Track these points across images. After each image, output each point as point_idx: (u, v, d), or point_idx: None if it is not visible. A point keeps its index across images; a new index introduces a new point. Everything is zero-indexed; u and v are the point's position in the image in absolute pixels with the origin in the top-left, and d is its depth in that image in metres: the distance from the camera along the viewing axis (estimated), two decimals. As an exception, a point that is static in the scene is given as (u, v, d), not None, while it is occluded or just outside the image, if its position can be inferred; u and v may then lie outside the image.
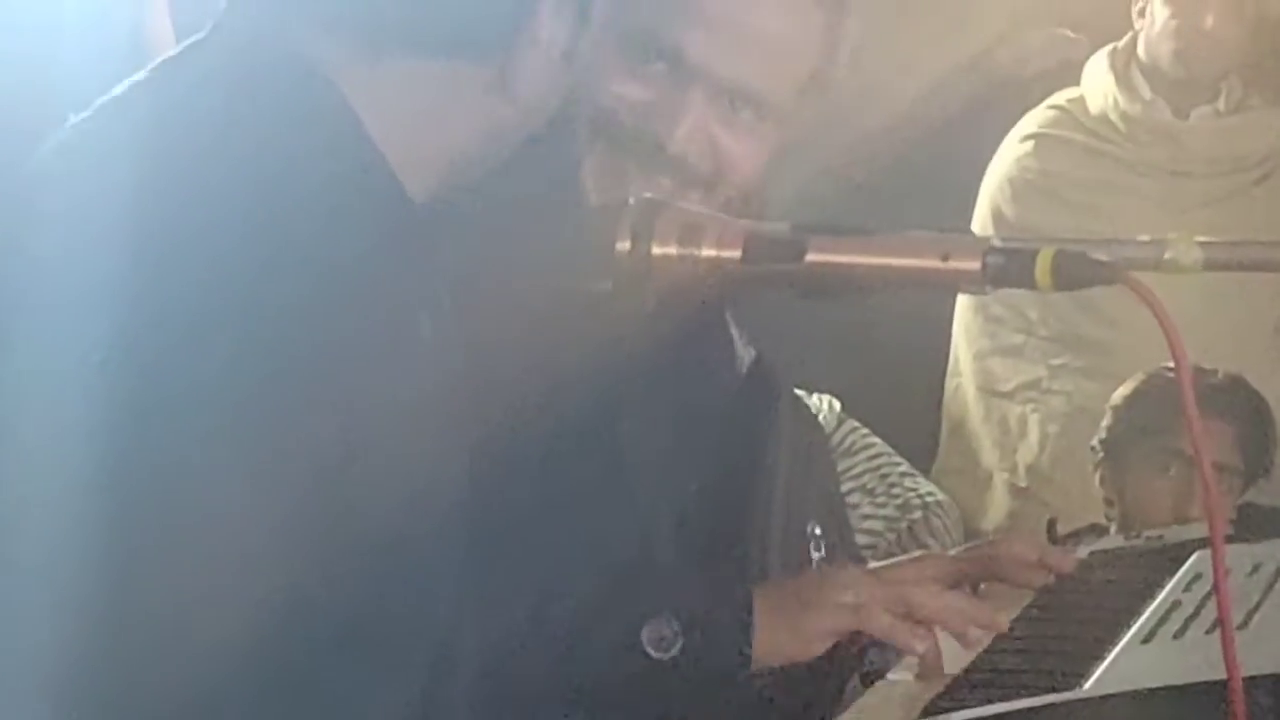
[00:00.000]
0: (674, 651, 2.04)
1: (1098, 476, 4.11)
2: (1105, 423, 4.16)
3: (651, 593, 2.08)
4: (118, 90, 1.74)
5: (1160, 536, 2.64)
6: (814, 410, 2.65)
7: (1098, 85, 4.90)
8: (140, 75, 1.75)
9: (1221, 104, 4.91)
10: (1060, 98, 4.90)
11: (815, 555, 2.24)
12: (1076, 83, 4.95)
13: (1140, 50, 4.87)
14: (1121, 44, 4.90)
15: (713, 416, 2.20)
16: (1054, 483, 4.72)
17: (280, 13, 1.73)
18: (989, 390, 4.87)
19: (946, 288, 1.83)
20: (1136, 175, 4.82)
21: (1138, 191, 4.78)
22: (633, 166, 2.09)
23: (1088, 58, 4.97)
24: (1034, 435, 4.79)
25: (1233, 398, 4.19)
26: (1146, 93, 4.85)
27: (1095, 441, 4.16)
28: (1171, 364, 4.13)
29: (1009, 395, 4.84)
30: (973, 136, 4.90)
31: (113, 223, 1.58)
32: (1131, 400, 4.06)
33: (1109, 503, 4.05)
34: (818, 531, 2.25)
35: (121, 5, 3.10)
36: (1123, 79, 4.86)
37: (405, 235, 1.70)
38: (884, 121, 4.35)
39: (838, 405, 4.32)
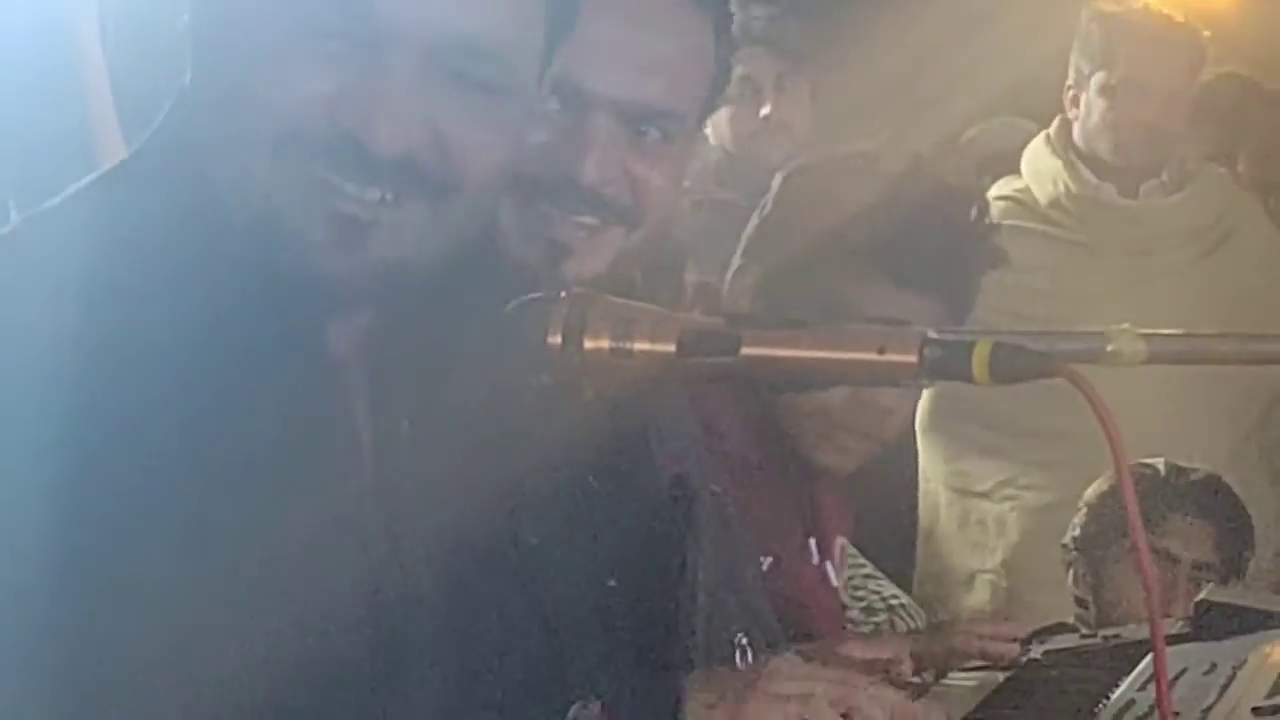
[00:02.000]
0: None
1: (1070, 575, 4.01)
2: (1078, 520, 4.07)
3: (578, 678, 1.99)
4: (58, 199, 1.72)
5: (1117, 635, 2.59)
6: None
7: (1044, 172, 4.82)
8: (80, 185, 1.73)
9: (1166, 176, 4.85)
10: (1007, 188, 4.83)
11: (740, 664, 2.16)
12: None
13: (1077, 139, 4.81)
14: (1054, 130, 4.83)
15: (636, 517, 2.11)
16: (1036, 579, 4.63)
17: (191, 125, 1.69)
18: (965, 491, 4.79)
19: (883, 381, 1.75)
20: (1095, 258, 4.75)
21: (1099, 273, 4.72)
22: (552, 209, 2.04)
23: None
24: (1014, 532, 4.71)
25: (1210, 496, 4.10)
26: (1092, 178, 4.79)
27: (1068, 539, 4.06)
28: (1146, 460, 4.12)
29: (986, 495, 4.76)
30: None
31: (46, 327, 1.58)
32: (1105, 498, 3.97)
33: (1080, 602, 3.94)
34: (744, 641, 2.17)
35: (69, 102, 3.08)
36: (1068, 165, 4.80)
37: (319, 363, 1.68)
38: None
39: None
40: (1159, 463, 4.13)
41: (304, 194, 1.61)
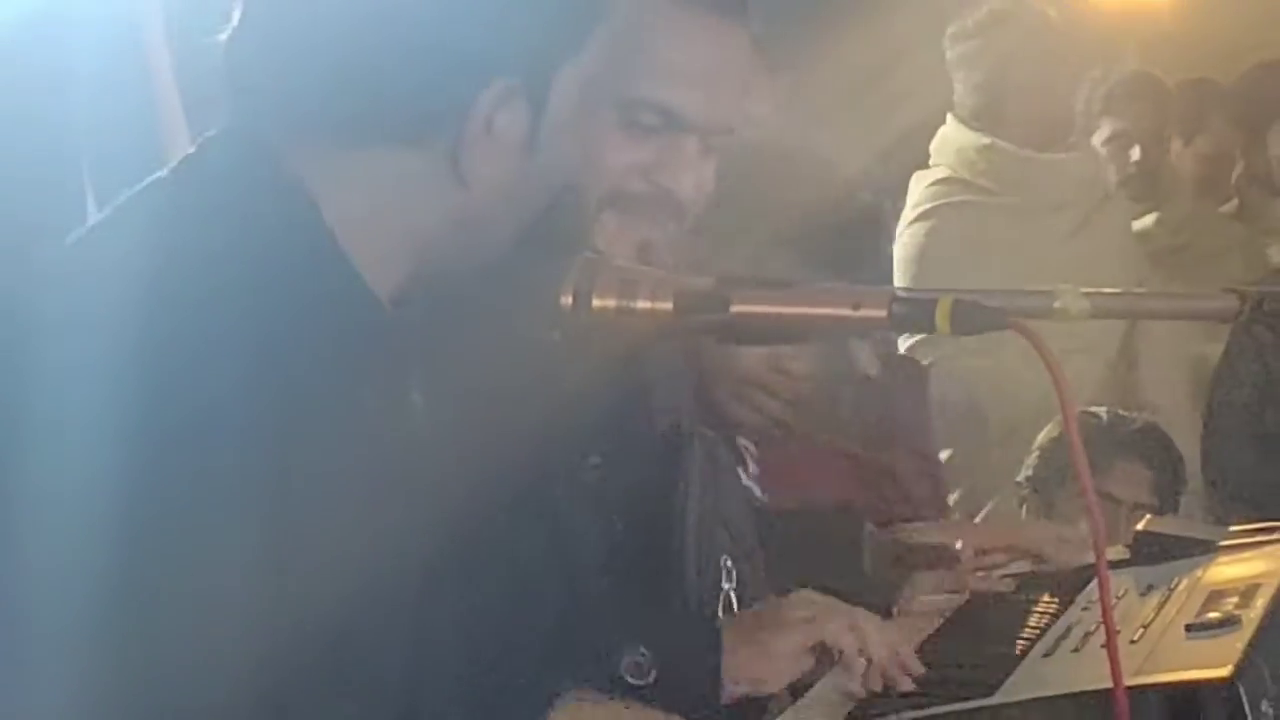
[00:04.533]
0: (649, 679, 2.06)
1: (1024, 510, 4.14)
2: (1031, 461, 4.20)
3: (622, 627, 2.11)
4: (130, 196, 1.75)
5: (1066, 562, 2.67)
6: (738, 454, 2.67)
7: (964, 149, 4.92)
8: (149, 181, 1.75)
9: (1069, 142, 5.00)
10: (930, 176, 4.94)
11: (726, 586, 2.26)
12: None
13: (991, 119, 4.92)
14: (970, 113, 4.95)
15: (637, 464, 2.22)
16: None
17: (265, 117, 1.73)
18: None
19: (858, 333, 1.87)
20: (1025, 217, 4.86)
21: (1033, 230, 4.85)
22: (645, 223, 2.12)
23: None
24: None
25: (1149, 443, 4.24)
26: (1009, 146, 4.89)
27: (1021, 478, 4.19)
28: (1090, 409, 4.23)
29: None
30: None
31: (114, 331, 1.60)
32: (1057, 442, 4.10)
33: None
34: (729, 564, 2.28)
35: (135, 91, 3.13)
36: (985, 139, 4.91)
37: (370, 336, 1.71)
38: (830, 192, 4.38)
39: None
40: (1102, 411, 4.27)
41: None
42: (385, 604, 1.62)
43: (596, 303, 1.84)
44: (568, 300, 1.84)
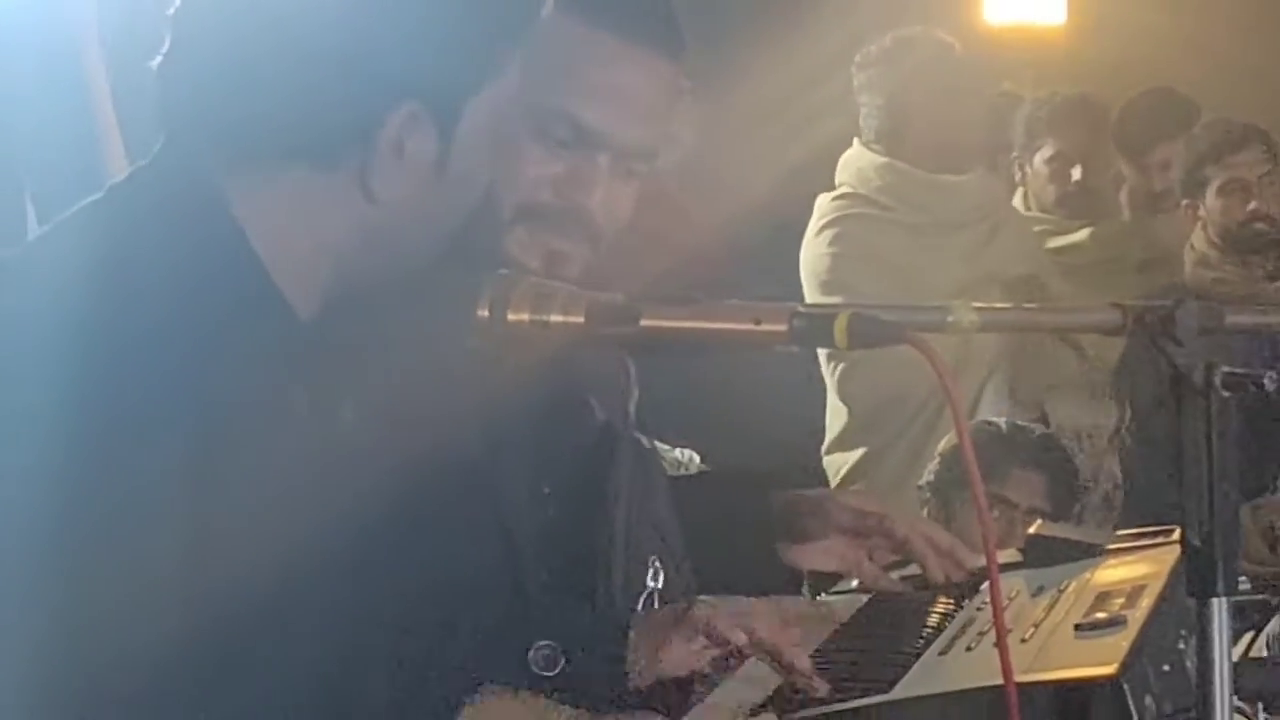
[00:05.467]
0: (557, 670, 2.10)
1: (925, 513, 4.21)
2: (933, 467, 4.29)
3: (534, 622, 2.15)
4: (69, 214, 1.83)
5: (962, 564, 2.71)
6: (672, 461, 2.72)
7: (865, 168, 5.03)
8: (89, 201, 1.83)
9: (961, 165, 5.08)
10: (833, 194, 5.05)
11: (651, 584, 2.31)
12: None
13: (890, 141, 5.02)
14: (872, 136, 5.04)
15: (570, 462, 2.27)
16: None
17: (195, 140, 1.80)
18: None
19: (759, 347, 1.92)
20: (920, 234, 4.96)
21: (924, 247, 4.93)
22: (554, 235, 2.16)
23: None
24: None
25: (1045, 452, 4.33)
26: (906, 166, 4.99)
27: (923, 483, 4.28)
28: (989, 419, 4.31)
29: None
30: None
31: (55, 329, 1.68)
32: (955, 449, 4.17)
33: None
34: (657, 563, 2.32)
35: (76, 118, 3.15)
36: (885, 160, 5.01)
37: (282, 341, 1.78)
38: (737, 211, 4.45)
39: (697, 459, 4.38)
40: (1001, 421, 4.36)
41: None
42: (306, 586, 1.69)
43: (511, 316, 1.89)
44: (484, 313, 1.88)
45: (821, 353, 4.70)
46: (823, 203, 5.02)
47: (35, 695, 1.60)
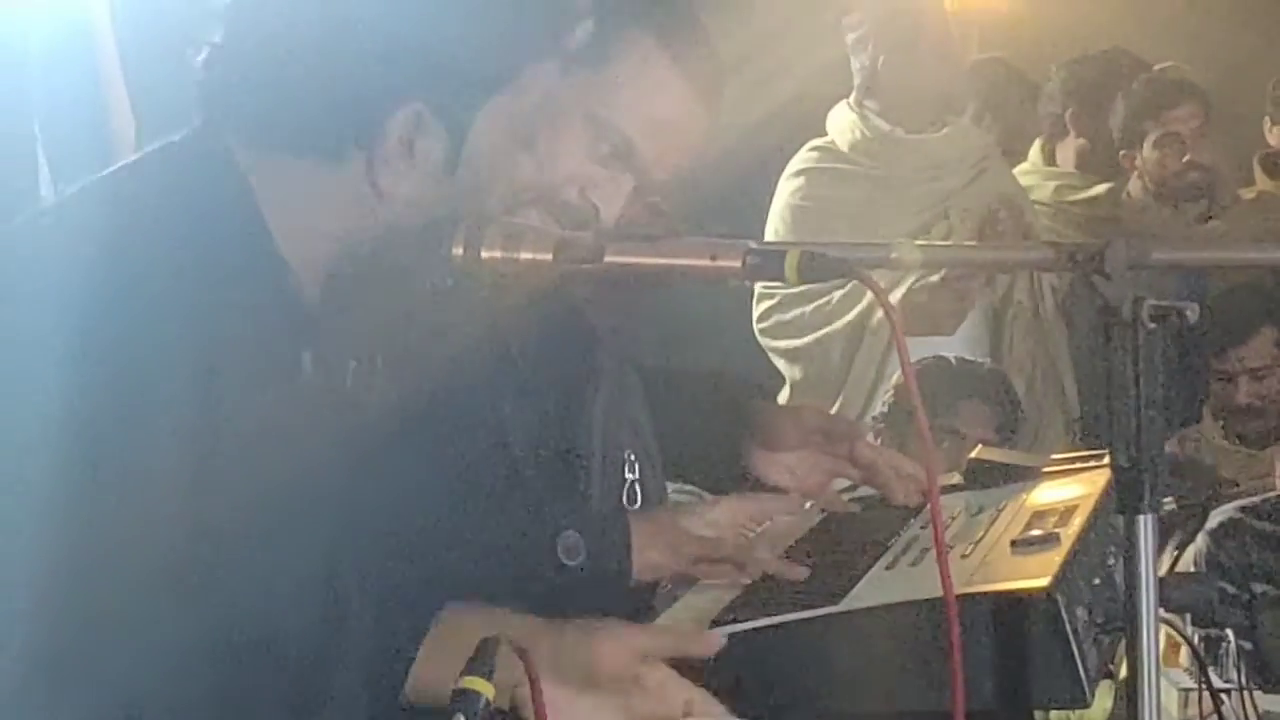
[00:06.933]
0: (579, 559, 2.21)
1: (879, 442, 4.29)
2: (887, 399, 4.39)
3: (560, 514, 2.26)
4: (96, 179, 1.87)
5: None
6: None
7: (845, 125, 5.11)
8: (115, 167, 1.88)
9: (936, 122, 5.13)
10: (816, 142, 5.13)
11: (630, 476, 2.41)
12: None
13: (868, 100, 5.10)
14: (853, 98, 5.12)
15: (557, 372, 2.37)
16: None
17: (228, 124, 1.86)
18: None
19: (717, 281, 1.99)
20: (890, 189, 5.04)
21: (894, 199, 5.01)
22: (561, 228, 2.20)
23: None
24: None
25: (992, 385, 4.43)
26: (883, 124, 5.07)
27: (878, 413, 4.38)
28: (941, 354, 4.40)
29: None
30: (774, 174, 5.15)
31: (69, 297, 1.72)
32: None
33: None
34: (632, 457, 2.42)
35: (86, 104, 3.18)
36: (861, 116, 5.08)
37: (290, 306, 1.84)
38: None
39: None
40: (952, 356, 4.45)
41: None
42: (304, 494, 1.77)
43: (485, 254, 1.95)
44: (458, 251, 1.95)
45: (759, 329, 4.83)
46: (801, 151, 5.12)
47: (40, 620, 1.66)
